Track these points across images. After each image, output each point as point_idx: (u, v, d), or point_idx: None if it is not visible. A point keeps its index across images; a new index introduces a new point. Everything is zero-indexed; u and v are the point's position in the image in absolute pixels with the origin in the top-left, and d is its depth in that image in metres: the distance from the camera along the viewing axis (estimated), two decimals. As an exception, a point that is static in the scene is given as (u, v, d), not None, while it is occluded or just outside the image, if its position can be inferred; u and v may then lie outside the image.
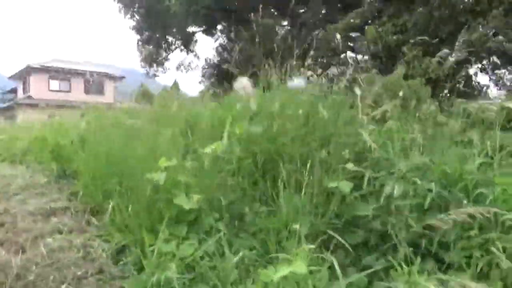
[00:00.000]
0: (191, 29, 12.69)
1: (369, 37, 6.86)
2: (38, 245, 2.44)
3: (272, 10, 9.17)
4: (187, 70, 15.60)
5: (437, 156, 2.49)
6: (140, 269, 2.10)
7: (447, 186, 2.22)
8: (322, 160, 2.48)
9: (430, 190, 2.12)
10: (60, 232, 2.64)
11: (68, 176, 3.66)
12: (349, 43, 7.79)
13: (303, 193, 2.34)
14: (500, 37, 5.68)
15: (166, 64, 14.82)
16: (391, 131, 2.79)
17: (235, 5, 9.79)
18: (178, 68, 15.27)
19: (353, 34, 7.20)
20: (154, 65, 14.64)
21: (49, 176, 3.91)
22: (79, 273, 2.17)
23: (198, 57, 15.73)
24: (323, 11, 9.65)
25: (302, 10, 9.32)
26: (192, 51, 15.08)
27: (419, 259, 1.74)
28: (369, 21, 8.01)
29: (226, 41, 13.41)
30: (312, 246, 1.74)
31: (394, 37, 6.51)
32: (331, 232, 2.03)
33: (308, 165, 2.42)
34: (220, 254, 1.94)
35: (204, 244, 2.01)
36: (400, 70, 4.48)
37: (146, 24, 10.83)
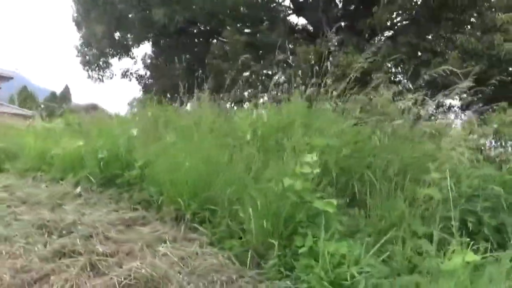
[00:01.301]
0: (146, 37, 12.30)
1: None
2: (153, 254, 2.34)
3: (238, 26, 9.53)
4: (130, 78, 14.89)
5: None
6: (290, 270, 2.20)
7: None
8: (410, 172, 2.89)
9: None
10: (164, 241, 2.55)
11: (118, 185, 3.42)
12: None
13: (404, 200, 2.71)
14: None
15: (112, 69, 14.00)
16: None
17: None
18: (124, 75, 14.46)
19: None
20: (97, 69, 13.67)
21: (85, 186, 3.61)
22: (223, 278, 2.17)
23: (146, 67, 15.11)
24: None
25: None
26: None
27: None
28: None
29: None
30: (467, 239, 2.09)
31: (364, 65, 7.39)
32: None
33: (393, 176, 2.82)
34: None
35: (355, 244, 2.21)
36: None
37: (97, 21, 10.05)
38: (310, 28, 10.98)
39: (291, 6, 12.50)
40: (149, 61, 15.57)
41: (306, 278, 2.08)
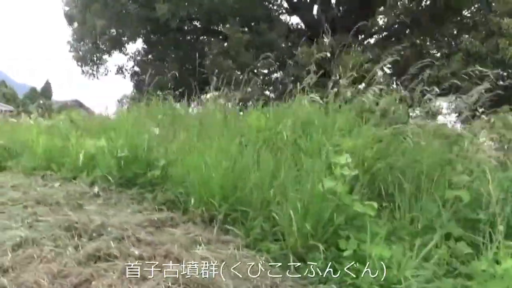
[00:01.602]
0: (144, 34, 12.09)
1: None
2: (192, 258, 2.27)
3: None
4: (124, 75, 14.62)
5: None
6: (334, 273, 2.16)
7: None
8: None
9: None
10: (198, 243, 2.48)
11: (139, 185, 3.32)
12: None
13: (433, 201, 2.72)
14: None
15: (107, 65, 13.70)
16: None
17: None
18: (118, 71, 14.17)
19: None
20: (91, 64, 13.33)
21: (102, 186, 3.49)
22: (267, 282, 2.13)
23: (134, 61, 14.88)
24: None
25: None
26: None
27: None
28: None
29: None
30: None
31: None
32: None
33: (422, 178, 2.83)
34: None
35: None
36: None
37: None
38: (309, 27, 10.97)
39: (285, 5, 12.52)
40: (138, 58, 15.40)
41: (354, 281, 2.05)
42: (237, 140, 3.09)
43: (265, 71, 9.80)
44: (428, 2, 6.58)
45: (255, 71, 9.17)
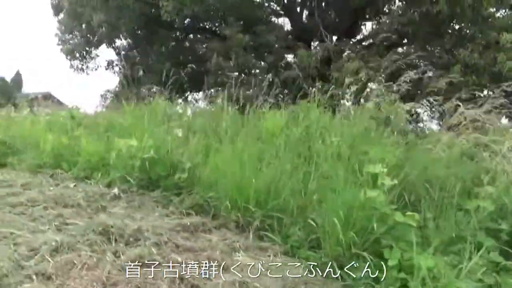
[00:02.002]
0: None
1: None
2: (237, 264, 2.25)
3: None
4: (114, 71, 14.23)
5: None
6: (377, 282, 2.18)
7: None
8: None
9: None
10: (236, 250, 2.45)
11: (163, 188, 3.24)
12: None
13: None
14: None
15: (98, 60, 13.28)
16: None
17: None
18: (109, 66, 13.77)
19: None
20: (80, 58, 12.88)
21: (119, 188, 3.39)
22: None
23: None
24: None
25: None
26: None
27: None
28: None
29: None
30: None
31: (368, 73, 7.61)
32: None
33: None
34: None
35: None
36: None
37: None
38: (305, 31, 11.04)
39: (278, 8, 12.52)
40: (123, 52, 15.02)
41: (402, 291, 2.08)
42: (271, 146, 3.05)
43: (264, 72, 9.78)
44: (425, 10, 6.77)
45: (253, 72, 9.17)
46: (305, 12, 12.47)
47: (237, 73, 8.65)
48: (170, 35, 14.86)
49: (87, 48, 12.98)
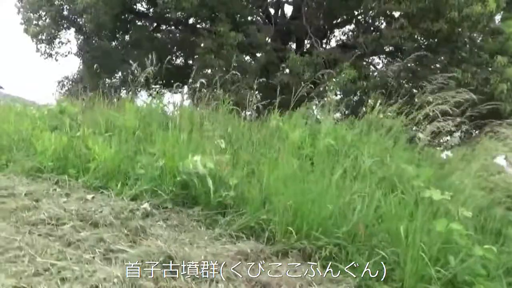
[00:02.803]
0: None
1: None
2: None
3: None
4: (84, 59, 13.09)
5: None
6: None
7: None
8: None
9: None
10: (309, 283, 2.24)
11: (204, 206, 2.91)
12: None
13: None
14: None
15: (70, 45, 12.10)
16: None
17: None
18: (79, 54, 12.57)
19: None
20: (44, 42, 11.65)
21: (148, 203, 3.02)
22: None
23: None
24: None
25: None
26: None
27: None
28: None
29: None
30: None
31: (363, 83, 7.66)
32: None
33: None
34: None
35: None
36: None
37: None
38: (296, 34, 10.95)
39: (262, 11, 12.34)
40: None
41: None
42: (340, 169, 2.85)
43: (254, 74, 9.54)
44: (425, 27, 6.99)
45: (243, 72, 8.87)
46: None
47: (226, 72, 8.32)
48: (143, 25, 14.16)
49: (57, 32, 11.83)
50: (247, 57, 9.74)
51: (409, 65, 6.87)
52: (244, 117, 5.65)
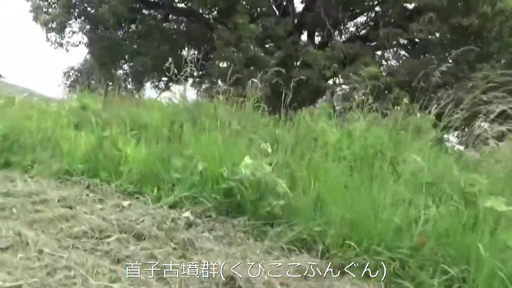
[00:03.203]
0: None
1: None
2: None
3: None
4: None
5: None
6: None
7: None
8: None
9: None
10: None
11: (251, 215, 2.74)
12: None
13: None
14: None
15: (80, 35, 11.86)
16: None
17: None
18: (88, 45, 12.35)
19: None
20: (55, 31, 11.39)
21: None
22: None
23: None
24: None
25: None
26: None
27: None
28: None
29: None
30: None
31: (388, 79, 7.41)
32: None
33: None
34: None
35: None
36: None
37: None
38: (310, 27, 10.66)
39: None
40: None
41: None
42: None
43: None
44: (455, 22, 6.72)
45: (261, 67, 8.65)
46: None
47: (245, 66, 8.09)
48: (153, 15, 13.88)
49: (68, 22, 11.56)
50: (266, 52, 9.45)
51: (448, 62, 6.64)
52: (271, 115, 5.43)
